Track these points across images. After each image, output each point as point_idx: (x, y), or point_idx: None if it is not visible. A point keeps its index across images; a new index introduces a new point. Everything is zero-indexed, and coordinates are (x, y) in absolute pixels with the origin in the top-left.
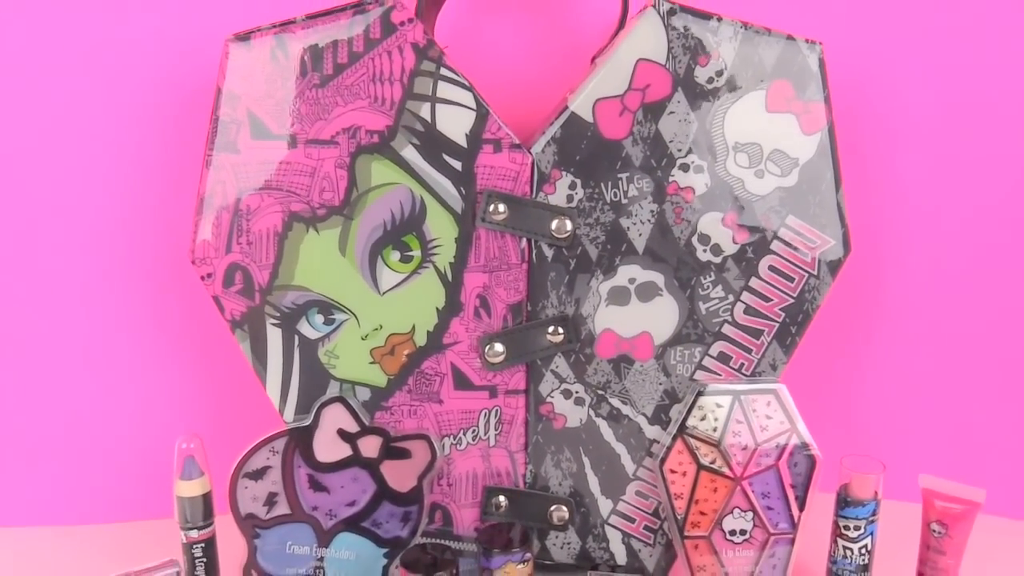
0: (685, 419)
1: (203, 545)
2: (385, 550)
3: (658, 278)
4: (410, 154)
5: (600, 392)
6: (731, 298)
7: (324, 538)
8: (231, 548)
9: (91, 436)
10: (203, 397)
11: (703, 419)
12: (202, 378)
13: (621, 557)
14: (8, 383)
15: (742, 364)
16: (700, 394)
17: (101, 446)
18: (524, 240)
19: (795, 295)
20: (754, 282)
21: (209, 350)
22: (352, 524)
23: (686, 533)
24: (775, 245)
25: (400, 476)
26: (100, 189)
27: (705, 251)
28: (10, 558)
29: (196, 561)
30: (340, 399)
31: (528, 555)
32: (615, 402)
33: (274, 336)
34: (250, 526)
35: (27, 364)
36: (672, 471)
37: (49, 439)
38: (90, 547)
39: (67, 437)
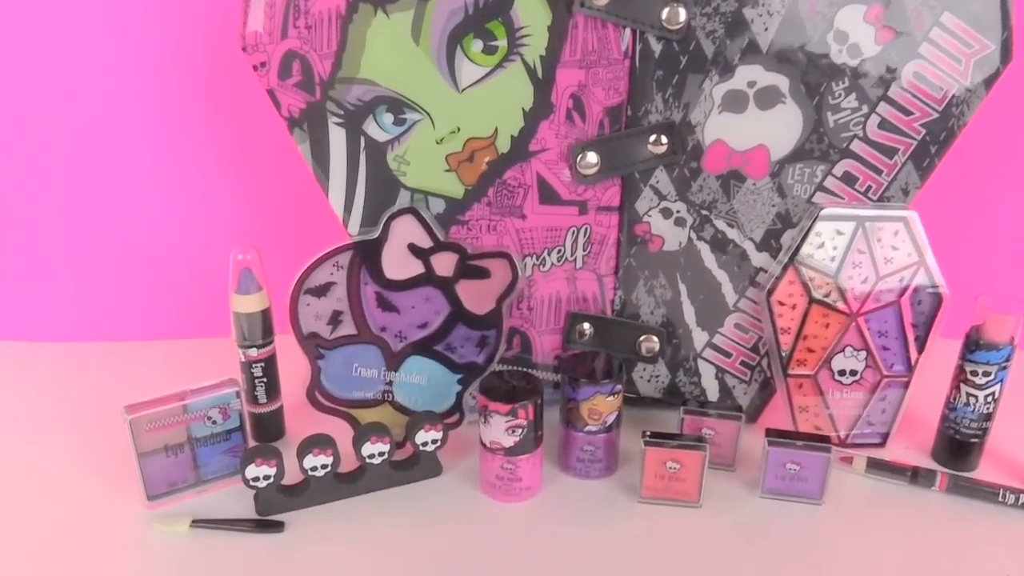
0: (799, 246)
1: (262, 365)
2: (459, 376)
3: (782, 82)
4: None
5: (704, 212)
6: (865, 109)
7: (393, 361)
8: (293, 369)
9: (142, 248)
10: (260, 207)
11: (820, 247)
12: (258, 186)
13: (713, 393)
14: (56, 195)
15: (869, 187)
16: (818, 219)
17: (153, 259)
18: (628, 31)
19: (940, 109)
20: (894, 91)
21: (266, 154)
22: (424, 347)
23: (790, 371)
24: (924, 48)
25: (477, 297)
26: None
27: (841, 51)
28: (62, 372)
29: (256, 381)
30: (411, 210)
31: (618, 387)
32: (720, 224)
33: (337, 137)
34: (313, 346)
35: (76, 171)
36: (780, 303)
37: (100, 252)
38: (144, 364)
39: (118, 250)
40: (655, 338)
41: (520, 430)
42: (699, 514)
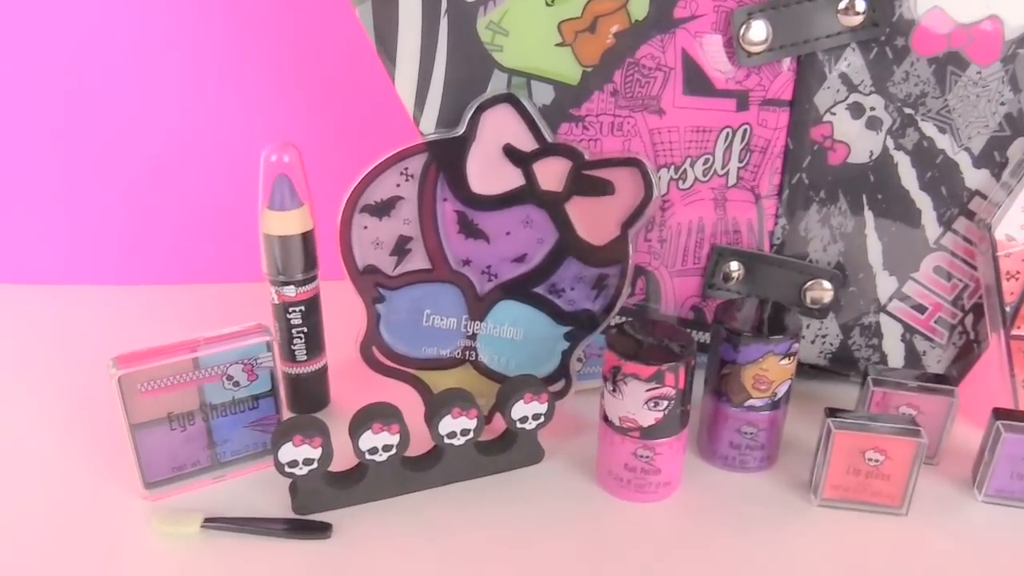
0: None
1: (302, 309)
2: (566, 329)
3: None
4: None
5: (908, 111)
6: None
7: (478, 307)
8: (342, 317)
9: (145, 163)
10: (301, 97)
11: None
12: (299, 69)
13: (895, 359)
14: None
15: None
16: None
17: (160, 177)
18: None
19: None
20: None
21: (308, 24)
22: (520, 289)
23: (1015, 331)
24: None
25: (594, 221)
26: None
27: None
28: (42, 320)
29: (293, 331)
30: (509, 98)
31: (796, 346)
32: (928, 128)
33: None
34: (371, 284)
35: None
36: (1010, 239)
37: (90, 170)
38: (148, 311)
39: (112, 165)
40: (827, 284)
41: (666, 403)
42: (905, 525)
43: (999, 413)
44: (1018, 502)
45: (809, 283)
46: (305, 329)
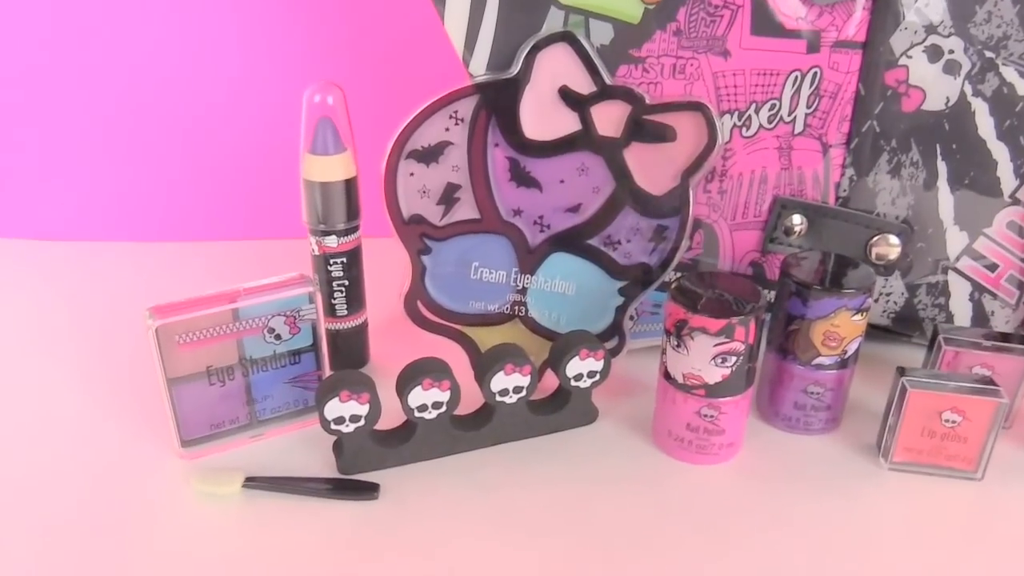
0: None
1: (343, 261)
2: (621, 284)
3: None
4: None
5: (989, 55)
6: None
7: (529, 260)
8: (383, 271)
9: (178, 112)
10: (348, 36)
11: None
12: (346, 2)
13: (962, 319)
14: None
15: None
16: None
17: (194, 127)
18: None
19: None
20: None
21: None
22: (573, 241)
23: None
24: None
25: (654, 169)
26: None
27: None
28: (76, 275)
29: (335, 284)
30: (566, 37)
31: (869, 301)
32: (1009, 73)
33: None
34: (417, 235)
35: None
36: None
37: (121, 121)
38: (183, 266)
39: (144, 115)
40: (894, 239)
41: (734, 359)
42: (980, 490)
43: None
44: None
45: (875, 238)
46: (346, 282)
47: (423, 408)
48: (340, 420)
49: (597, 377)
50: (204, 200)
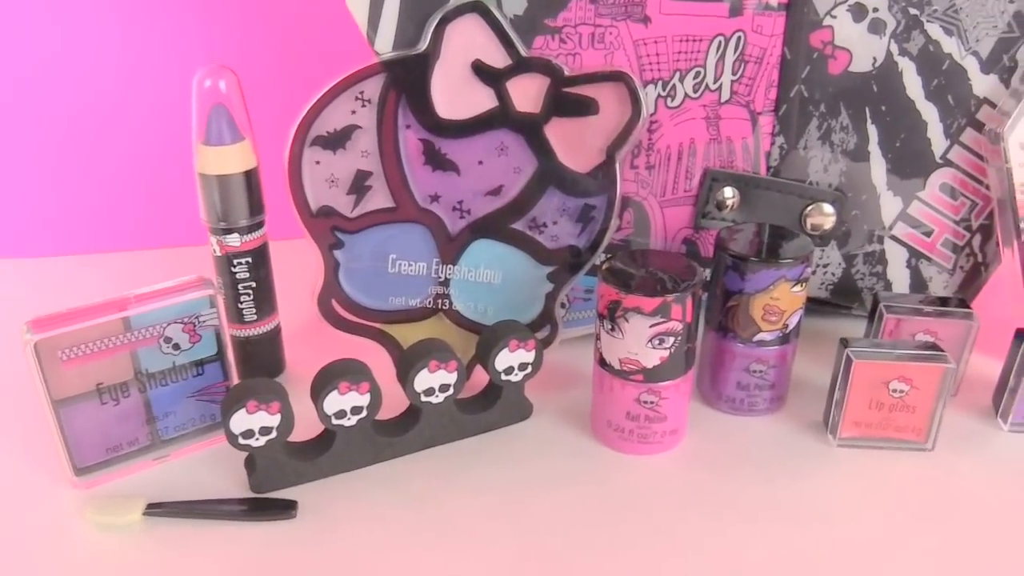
0: None
1: (248, 260)
2: (549, 269)
3: None
4: None
5: (913, 11)
6: None
7: (450, 249)
8: (296, 270)
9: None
10: (239, 15)
11: None
12: None
13: (901, 287)
14: None
15: None
16: None
17: (80, 126)
18: None
19: None
20: None
21: None
22: (496, 227)
23: None
24: None
25: (577, 145)
26: None
27: None
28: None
29: (240, 287)
30: (476, 8)
31: (808, 271)
32: (934, 30)
33: None
34: (327, 228)
35: None
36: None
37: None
38: (70, 280)
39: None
40: (828, 208)
41: (672, 339)
42: (930, 460)
43: (1021, 333)
44: None
45: (809, 208)
46: (253, 284)
47: (341, 414)
48: (249, 434)
49: (529, 369)
50: (89, 207)
